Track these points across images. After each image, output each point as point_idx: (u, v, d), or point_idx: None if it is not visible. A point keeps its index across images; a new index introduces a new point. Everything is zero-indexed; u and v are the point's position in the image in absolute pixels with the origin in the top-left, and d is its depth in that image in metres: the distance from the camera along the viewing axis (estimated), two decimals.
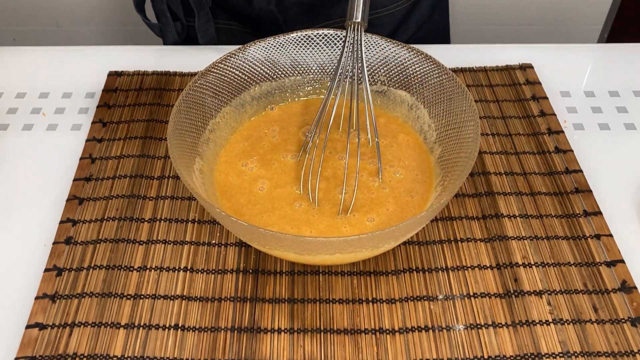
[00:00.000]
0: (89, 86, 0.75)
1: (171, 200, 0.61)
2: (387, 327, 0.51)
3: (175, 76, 0.75)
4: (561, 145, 0.66)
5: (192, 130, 0.57)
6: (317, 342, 0.50)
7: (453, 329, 0.51)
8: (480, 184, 0.62)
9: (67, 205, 0.60)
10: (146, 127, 0.68)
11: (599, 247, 0.57)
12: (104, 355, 0.49)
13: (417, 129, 0.62)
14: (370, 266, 0.55)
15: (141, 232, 0.58)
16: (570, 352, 0.49)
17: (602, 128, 0.69)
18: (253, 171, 0.58)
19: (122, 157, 0.65)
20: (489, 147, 0.66)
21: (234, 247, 0.57)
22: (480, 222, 0.59)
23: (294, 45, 0.63)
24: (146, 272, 0.55)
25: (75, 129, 0.69)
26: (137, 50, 0.80)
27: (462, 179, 0.49)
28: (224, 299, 0.53)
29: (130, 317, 0.52)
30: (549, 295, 0.53)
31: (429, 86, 0.60)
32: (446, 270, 0.55)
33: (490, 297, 0.53)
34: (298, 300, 0.53)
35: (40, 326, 0.51)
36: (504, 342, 0.50)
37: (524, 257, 0.56)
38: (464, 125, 0.55)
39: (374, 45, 0.62)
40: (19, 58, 0.80)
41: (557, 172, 0.63)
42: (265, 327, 0.51)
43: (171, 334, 0.51)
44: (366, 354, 0.49)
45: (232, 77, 0.61)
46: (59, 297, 0.53)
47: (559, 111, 0.71)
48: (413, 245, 0.57)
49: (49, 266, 0.55)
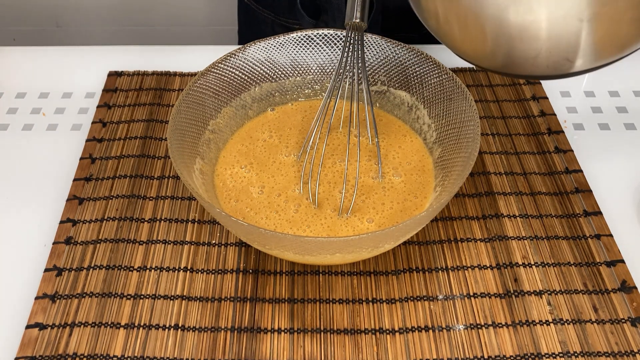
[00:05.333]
0: (89, 86, 0.75)
1: (171, 200, 0.61)
2: (387, 327, 0.51)
3: (175, 76, 0.75)
4: (561, 145, 0.66)
5: (192, 130, 0.57)
6: (317, 342, 0.50)
7: (453, 329, 0.51)
8: (480, 184, 0.62)
9: (67, 205, 0.60)
10: (146, 127, 0.69)
11: (599, 247, 0.57)
12: (104, 355, 0.49)
13: (417, 129, 0.62)
14: (370, 266, 0.55)
15: (141, 232, 0.58)
16: (570, 352, 0.49)
17: (602, 128, 0.69)
18: (253, 171, 0.59)
19: (122, 157, 0.65)
20: (489, 147, 0.66)
21: (234, 247, 0.57)
22: (480, 222, 0.59)
23: (294, 45, 0.63)
24: (146, 272, 0.55)
25: (75, 129, 0.69)
26: (137, 50, 0.80)
27: (462, 179, 0.49)
28: (224, 299, 0.53)
29: (130, 317, 0.52)
30: (549, 295, 0.53)
31: (429, 86, 0.60)
32: (446, 270, 0.55)
33: (490, 297, 0.53)
34: (298, 300, 0.53)
35: (40, 326, 0.51)
36: (504, 342, 0.50)
37: (524, 257, 0.56)
38: (464, 125, 0.55)
39: (374, 45, 0.62)
40: (19, 58, 0.80)
41: (557, 172, 0.63)
42: (265, 327, 0.51)
43: (171, 334, 0.51)
44: (366, 354, 0.49)
45: (232, 77, 0.61)
46: (59, 297, 0.53)
47: (559, 111, 0.71)
48: (413, 245, 0.57)
49: (49, 266, 0.55)
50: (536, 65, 0.44)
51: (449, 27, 0.47)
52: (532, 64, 0.44)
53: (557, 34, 0.41)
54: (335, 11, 0.78)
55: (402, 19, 0.82)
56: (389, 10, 0.79)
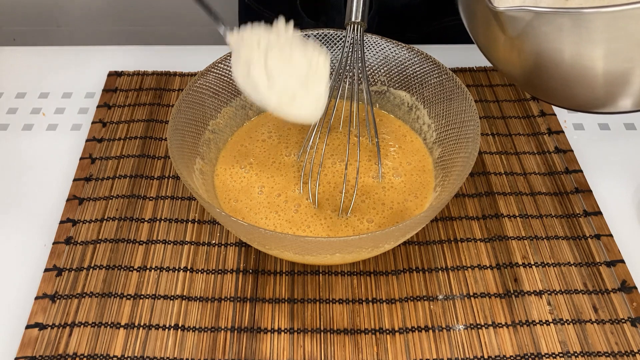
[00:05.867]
0: (89, 86, 0.75)
1: (171, 200, 0.61)
2: (387, 327, 0.51)
3: (175, 76, 0.75)
4: (561, 145, 0.66)
5: (192, 130, 0.57)
6: (317, 342, 0.50)
7: (453, 329, 0.51)
8: (480, 184, 0.62)
9: (67, 205, 0.60)
10: (146, 127, 0.68)
11: (599, 247, 0.57)
12: (104, 355, 0.49)
13: (417, 129, 0.62)
14: (370, 266, 0.55)
15: (141, 232, 0.58)
16: (570, 352, 0.49)
17: (602, 128, 0.69)
18: (253, 171, 0.58)
19: (122, 157, 0.65)
20: (489, 147, 0.66)
21: (234, 247, 0.57)
22: (480, 222, 0.59)
23: None
24: (146, 272, 0.55)
25: (75, 129, 0.69)
26: (137, 50, 0.80)
27: (462, 179, 0.49)
28: (224, 299, 0.53)
29: (130, 317, 0.52)
30: (549, 295, 0.53)
31: (429, 86, 0.60)
32: (446, 270, 0.55)
33: (490, 297, 0.53)
34: (298, 300, 0.53)
35: (40, 326, 0.51)
36: (504, 342, 0.50)
37: (524, 257, 0.56)
38: (464, 125, 0.55)
39: (374, 45, 0.62)
40: (19, 58, 0.80)
41: (557, 172, 0.63)
42: (265, 327, 0.51)
43: (171, 334, 0.51)
44: (366, 354, 0.49)
45: (232, 77, 0.61)
46: (59, 297, 0.53)
47: (559, 111, 0.71)
48: (413, 245, 0.57)
49: (49, 266, 0.55)
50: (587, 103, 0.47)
51: (506, 57, 0.49)
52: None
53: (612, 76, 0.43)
54: (334, 12, 0.78)
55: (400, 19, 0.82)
56: (387, 10, 0.79)
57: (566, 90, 0.46)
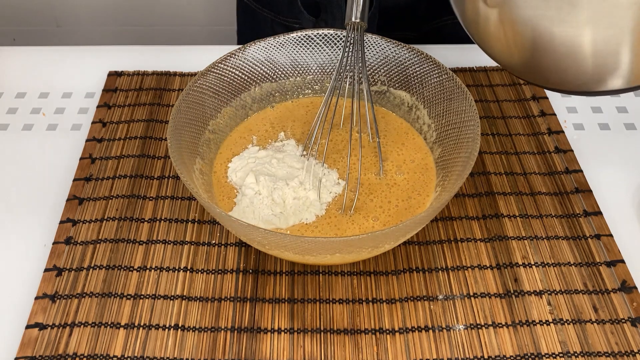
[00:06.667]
0: (89, 86, 0.75)
1: (171, 200, 0.61)
2: (387, 327, 0.51)
3: (175, 76, 0.75)
4: (561, 145, 0.66)
5: (192, 130, 0.57)
6: (317, 342, 0.50)
7: (453, 329, 0.51)
8: (480, 184, 0.62)
9: (67, 205, 0.60)
10: (146, 127, 0.68)
11: (599, 247, 0.57)
12: (104, 355, 0.49)
13: (417, 129, 0.62)
14: (370, 266, 0.55)
15: (141, 232, 0.58)
16: (570, 352, 0.49)
17: (602, 128, 0.69)
18: None
19: (122, 157, 0.65)
20: (489, 147, 0.66)
21: (234, 247, 0.57)
22: (480, 222, 0.59)
23: (294, 45, 0.63)
24: (146, 272, 0.55)
25: (75, 129, 0.69)
26: (137, 50, 0.80)
27: (462, 179, 0.49)
28: (224, 299, 0.53)
29: (130, 317, 0.52)
30: (549, 295, 0.53)
31: (429, 86, 0.60)
32: (446, 270, 0.55)
33: (490, 297, 0.53)
34: (298, 300, 0.53)
35: (40, 326, 0.51)
36: (504, 342, 0.50)
37: (524, 257, 0.56)
38: (464, 125, 0.55)
39: (374, 45, 0.62)
40: (19, 58, 0.80)
41: (557, 172, 0.63)
42: (265, 327, 0.51)
43: (171, 334, 0.51)
44: (366, 354, 0.49)
45: (232, 77, 0.61)
46: (59, 297, 0.53)
47: (559, 111, 0.71)
48: (413, 245, 0.57)
49: (49, 266, 0.55)
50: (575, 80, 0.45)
51: (491, 33, 0.47)
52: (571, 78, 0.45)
53: (601, 53, 0.42)
54: (335, 9, 0.78)
55: (399, 18, 0.82)
56: (386, 9, 0.79)
57: (554, 65, 0.45)
